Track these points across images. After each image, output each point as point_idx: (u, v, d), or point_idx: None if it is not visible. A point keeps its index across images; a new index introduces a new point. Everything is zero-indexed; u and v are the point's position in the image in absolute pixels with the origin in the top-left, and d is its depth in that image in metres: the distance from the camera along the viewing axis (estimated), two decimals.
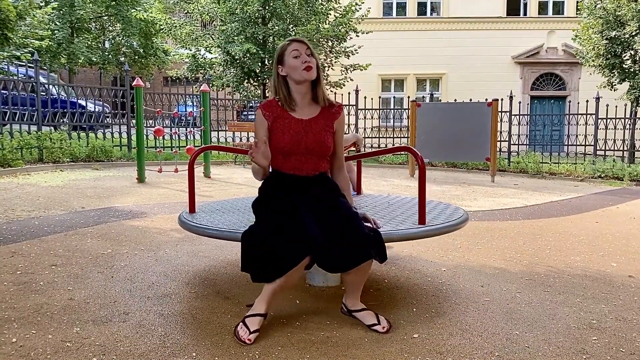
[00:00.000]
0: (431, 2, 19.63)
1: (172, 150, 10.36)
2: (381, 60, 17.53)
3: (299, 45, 2.32)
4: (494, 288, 2.87)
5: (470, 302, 2.63)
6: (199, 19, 14.26)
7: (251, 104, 14.74)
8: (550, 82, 19.30)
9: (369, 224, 2.26)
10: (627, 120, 11.73)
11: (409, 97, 13.96)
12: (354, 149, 3.75)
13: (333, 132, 2.38)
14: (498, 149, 9.86)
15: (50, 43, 16.22)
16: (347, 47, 13.69)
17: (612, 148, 11.54)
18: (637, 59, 12.37)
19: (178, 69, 15.19)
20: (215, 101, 12.08)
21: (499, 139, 9.94)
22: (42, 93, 9.46)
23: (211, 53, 14.30)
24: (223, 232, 2.44)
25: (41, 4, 15.35)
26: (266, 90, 13.48)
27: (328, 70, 13.82)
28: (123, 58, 20.92)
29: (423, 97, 16.50)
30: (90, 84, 10.79)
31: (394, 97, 19.24)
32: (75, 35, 19.96)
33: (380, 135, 12.93)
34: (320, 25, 13.11)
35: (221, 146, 2.84)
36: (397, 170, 10.65)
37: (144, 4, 20.02)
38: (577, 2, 16.44)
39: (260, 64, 13.28)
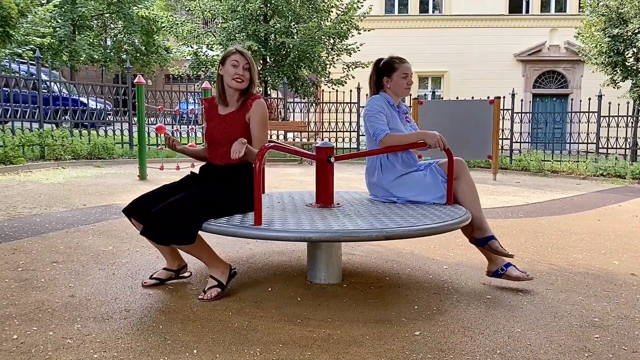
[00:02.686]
0: (433, 0, 19.58)
1: None
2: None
3: (240, 57, 2.67)
4: (495, 286, 2.86)
5: (472, 299, 2.63)
6: (200, 17, 14.23)
7: None
8: (552, 80, 19.24)
9: None
10: (629, 118, 11.69)
11: (410, 94, 13.92)
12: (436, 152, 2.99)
13: (247, 124, 2.67)
14: (500, 147, 9.83)
15: (51, 40, 16.24)
16: (349, 45, 13.66)
17: (615, 146, 11.50)
18: None
19: (180, 67, 15.17)
20: None
21: (500, 136, 9.91)
22: (43, 90, 9.45)
23: (213, 50, 14.27)
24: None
25: (43, 2, 15.35)
26: (268, 88, 13.46)
27: (330, 68, 13.79)
28: (125, 55, 20.92)
29: (425, 94, 16.47)
30: (91, 82, 10.78)
31: None
32: (76, 32, 19.95)
33: None
34: (322, 22, 13.07)
35: (284, 146, 2.83)
36: None
37: (146, 2, 20.00)
38: None
39: (261, 62, 13.26)
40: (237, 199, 2.63)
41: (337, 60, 13.87)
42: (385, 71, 3.07)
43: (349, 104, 12.39)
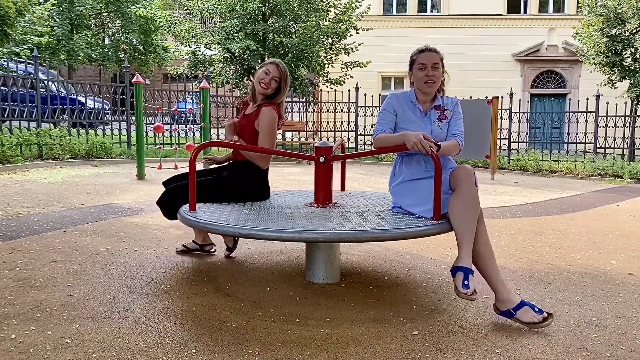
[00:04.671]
0: (431, 0, 19.58)
1: (171, 147, 10.36)
2: (381, 57, 17.49)
3: (273, 68, 3.00)
4: None
5: None
6: (198, 16, 14.20)
7: None
8: (550, 79, 19.27)
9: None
10: (627, 118, 11.72)
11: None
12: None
13: (254, 129, 3.02)
14: (498, 147, 9.85)
15: (49, 39, 16.19)
16: (347, 44, 13.66)
17: (612, 146, 11.53)
18: (638, 56, 12.34)
19: (178, 66, 15.15)
20: (215, 98, 12.06)
21: (499, 136, 9.93)
22: (41, 90, 9.44)
23: (211, 50, 14.25)
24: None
25: (41, 0, 15.32)
26: None
27: (328, 67, 13.80)
28: (123, 55, 20.89)
29: None
30: (89, 81, 10.76)
31: None
32: (74, 31, 19.93)
33: None
34: (320, 22, 13.06)
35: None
36: None
37: (144, 1, 19.97)
38: None
39: (260, 61, 13.24)
40: (239, 192, 3.01)
41: (335, 59, 13.87)
42: (409, 66, 2.82)
43: (347, 104, 12.39)
